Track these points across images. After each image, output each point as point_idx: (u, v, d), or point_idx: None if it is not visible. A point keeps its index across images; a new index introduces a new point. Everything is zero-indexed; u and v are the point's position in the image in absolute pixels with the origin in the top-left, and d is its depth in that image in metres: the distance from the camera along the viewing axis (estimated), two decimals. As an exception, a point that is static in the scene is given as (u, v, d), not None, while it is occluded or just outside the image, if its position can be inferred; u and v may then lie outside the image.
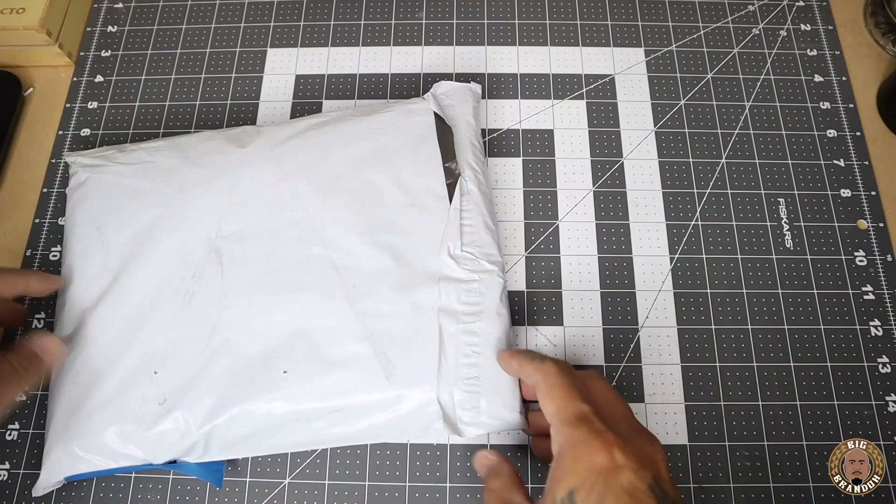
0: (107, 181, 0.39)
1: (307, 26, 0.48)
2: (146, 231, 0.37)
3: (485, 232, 0.37)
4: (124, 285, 0.36)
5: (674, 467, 0.36)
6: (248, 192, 0.37)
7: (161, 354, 0.34)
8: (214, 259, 0.36)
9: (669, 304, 0.39)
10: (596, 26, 0.48)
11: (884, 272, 0.40)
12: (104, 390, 0.34)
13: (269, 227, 0.36)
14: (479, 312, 0.35)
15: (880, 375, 0.38)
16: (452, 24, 0.48)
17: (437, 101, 0.40)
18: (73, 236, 0.38)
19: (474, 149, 0.39)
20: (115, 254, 0.36)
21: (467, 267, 0.36)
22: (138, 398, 0.33)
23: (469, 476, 0.36)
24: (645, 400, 0.37)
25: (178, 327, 0.35)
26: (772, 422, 0.37)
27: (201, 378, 0.33)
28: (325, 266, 0.36)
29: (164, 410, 0.33)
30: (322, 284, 0.35)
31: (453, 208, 0.37)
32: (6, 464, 0.36)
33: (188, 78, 0.46)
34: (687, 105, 0.45)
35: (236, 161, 0.38)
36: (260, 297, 0.35)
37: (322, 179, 0.37)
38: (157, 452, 0.33)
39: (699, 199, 0.42)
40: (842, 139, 0.44)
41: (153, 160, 0.39)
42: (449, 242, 0.36)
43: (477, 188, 0.38)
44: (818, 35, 0.47)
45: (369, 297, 0.35)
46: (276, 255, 0.36)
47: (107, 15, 0.49)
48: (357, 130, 0.39)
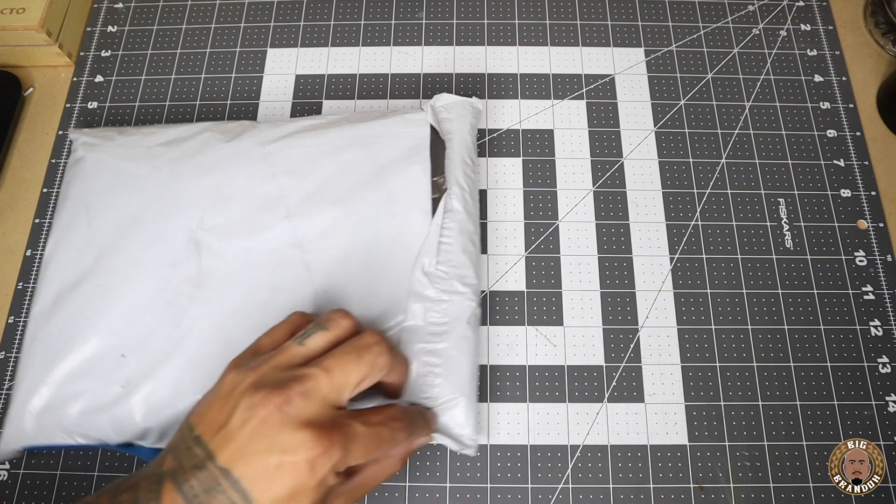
0: (102, 161, 0.39)
1: (307, 26, 0.48)
2: (132, 215, 0.37)
3: (462, 252, 0.36)
4: (104, 265, 0.36)
5: (674, 467, 0.36)
6: (234, 188, 0.37)
7: (131, 339, 0.34)
8: (193, 250, 0.36)
9: (669, 304, 0.39)
10: (596, 26, 0.48)
11: (884, 272, 0.40)
12: (71, 368, 0.34)
13: (251, 224, 0.37)
14: (444, 333, 0.34)
15: (880, 375, 0.38)
16: (452, 24, 0.48)
17: (436, 113, 0.40)
18: (63, 211, 0.38)
19: (466, 167, 0.39)
20: (100, 233, 0.37)
21: (438, 286, 0.35)
22: (103, 379, 0.34)
23: (469, 476, 0.36)
24: (645, 400, 0.37)
25: (150, 313, 0.35)
26: (772, 422, 0.37)
27: (164, 366, 0.34)
28: (298, 268, 0.36)
29: (125, 394, 0.33)
30: (293, 286, 0.35)
31: (434, 224, 0.36)
32: (6, 464, 0.36)
33: (188, 78, 0.46)
34: (687, 105, 0.45)
35: (227, 155, 0.38)
36: (232, 293, 0.35)
37: (309, 182, 0.37)
38: (114, 434, 0.33)
39: (699, 199, 0.42)
40: (842, 139, 0.44)
41: (149, 145, 0.39)
42: (424, 258, 0.36)
43: (462, 207, 0.37)
44: (818, 35, 0.47)
45: (336, 304, 0.35)
46: (254, 252, 0.36)
47: (107, 15, 0.49)
48: (351, 136, 0.39)
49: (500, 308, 0.39)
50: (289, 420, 0.25)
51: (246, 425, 0.25)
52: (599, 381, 0.38)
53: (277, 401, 0.25)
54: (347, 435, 0.26)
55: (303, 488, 0.25)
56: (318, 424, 0.25)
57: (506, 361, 0.38)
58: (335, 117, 0.40)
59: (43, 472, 0.36)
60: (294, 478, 0.24)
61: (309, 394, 0.26)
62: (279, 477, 0.24)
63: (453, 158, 0.39)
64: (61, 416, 0.33)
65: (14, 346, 0.39)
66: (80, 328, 0.35)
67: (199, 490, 0.24)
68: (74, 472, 0.36)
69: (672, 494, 0.35)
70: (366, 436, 0.26)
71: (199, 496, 0.24)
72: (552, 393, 0.37)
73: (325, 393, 0.26)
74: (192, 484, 0.24)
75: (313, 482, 0.25)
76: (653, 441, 0.36)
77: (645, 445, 0.36)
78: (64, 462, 0.36)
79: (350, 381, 0.27)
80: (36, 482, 0.36)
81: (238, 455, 0.24)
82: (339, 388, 0.27)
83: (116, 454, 0.36)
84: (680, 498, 0.35)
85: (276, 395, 0.25)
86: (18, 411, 0.34)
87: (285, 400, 0.25)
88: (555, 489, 0.35)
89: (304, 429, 0.25)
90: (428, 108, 0.40)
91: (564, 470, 0.36)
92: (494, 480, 0.35)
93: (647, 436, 0.36)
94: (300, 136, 0.39)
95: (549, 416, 0.37)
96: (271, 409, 0.25)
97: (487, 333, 0.39)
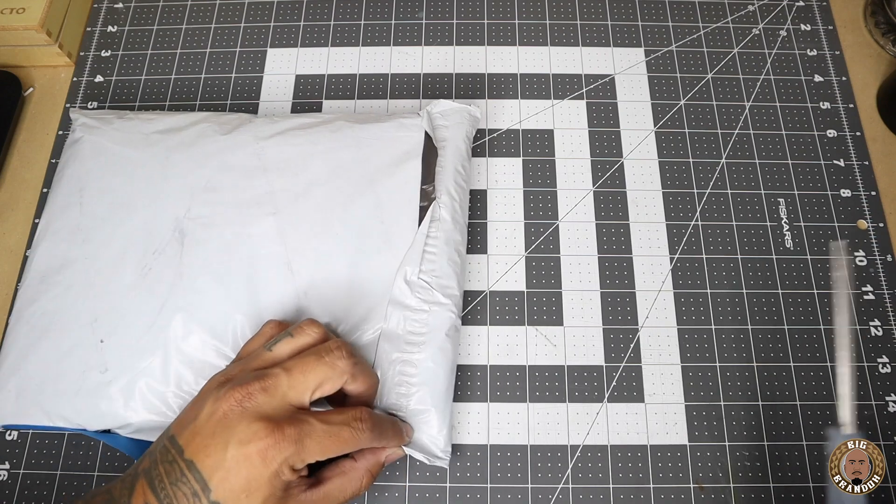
0: (99, 144, 0.39)
1: (307, 26, 0.48)
2: (124, 201, 0.37)
3: (447, 263, 0.36)
4: (91, 249, 0.36)
5: (674, 467, 0.36)
6: (224, 180, 0.38)
7: (110, 324, 0.35)
8: (177, 238, 0.36)
9: (669, 304, 0.39)
10: (596, 26, 0.48)
11: (884, 272, 0.40)
12: (53, 349, 0.34)
13: (237, 218, 0.37)
14: (422, 344, 0.34)
15: (880, 375, 0.38)
16: (452, 24, 0.48)
17: (432, 119, 0.40)
18: (57, 191, 0.38)
19: (457, 176, 0.39)
20: (91, 217, 0.37)
21: (419, 296, 0.35)
22: (82, 363, 0.34)
23: (469, 476, 0.36)
24: (645, 400, 0.37)
25: (131, 300, 0.35)
26: (772, 422, 0.37)
27: (143, 354, 0.34)
28: (281, 266, 0.36)
29: (104, 380, 0.34)
30: (275, 283, 0.35)
31: (420, 232, 0.36)
32: (6, 464, 0.36)
33: (188, 78, 0.46)
34: (687, 105, 0.45)
35: (222, 147, 0.38)
36: (211, 285, 0.35)
37: (299, 181, 0.37)
38: (92, 420, 0.34)
39: (699, 199, 0.42)
40: (842, 139, 0.44)
41: (147, 132, 0.39)
42: (407, 267, 0.35)
43: (450, 217, 0.37)
44: (818, 35, 0.47)
45: (317, 306, 0.35)
46: (237, 246, 0.36)
47: (107, 15, 0.49)
48: (345, 138, 0.39)
49: (500, 308, 0.39)
50: (246, 413, 0.26)
51: (211, 419, 0.26)
52: (599, 381, 0.38)
53: (238, 396, 0.27)
54: (302, 430, 0.27)
55: (256, 479, 0.26)
56: (273, 418, 0.26)
57: (506, 361, 0.38)
58: (332, 116, 0.40)
59: (43, 472, 0.36)
60: (248, 468, 0.25)
61: (269, 389, 0.27)
62: (234, 467, 0.25)
63: (445, 167, 0.38)
64: (41, 397, 0.34)
65: (14, 346, 0.39)
66: (62, 310, 0.35)
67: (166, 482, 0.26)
68: (74, 472, 0.36)
69: (672, 494, 0.35)
70: (324, 433, 0.27)
71: (166, 488, 0.25)
72: (552, 393, 0.37)
73: (284, 390, 0.27)
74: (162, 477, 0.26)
75: (266, 473, 0.26)
76: (653, 441, 0.36)
77: (645, 445, 0.36)
78: (64, 462, 0.36)
79: (309, 380, 0.28)
80: (36, 482, 0.36)
81: (201, 447, 0.26)
82: (299, 387, 0.28)
83: (116, 453, 0.36)
84: (680, 498, 0.35)
85: (238, 391, 0.27)
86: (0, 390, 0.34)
87: (246, 395, 0.27)
88: (555, 489, 0.35)
89: (258, 421, 0.26)
90: (424, 114, 0.39)
91: (564, 470, 0.36)
92: (494, 480, 0.35)
93: (647, 436, 0.36)
94: (295, 133, 0.39)
95: (549, 416, 0.37)
96: (233, 403, 0.26)
97: (487, 333, 0.39)
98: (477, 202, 0.42)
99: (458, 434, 0.37)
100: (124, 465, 0.36)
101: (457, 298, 0.36)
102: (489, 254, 0.41)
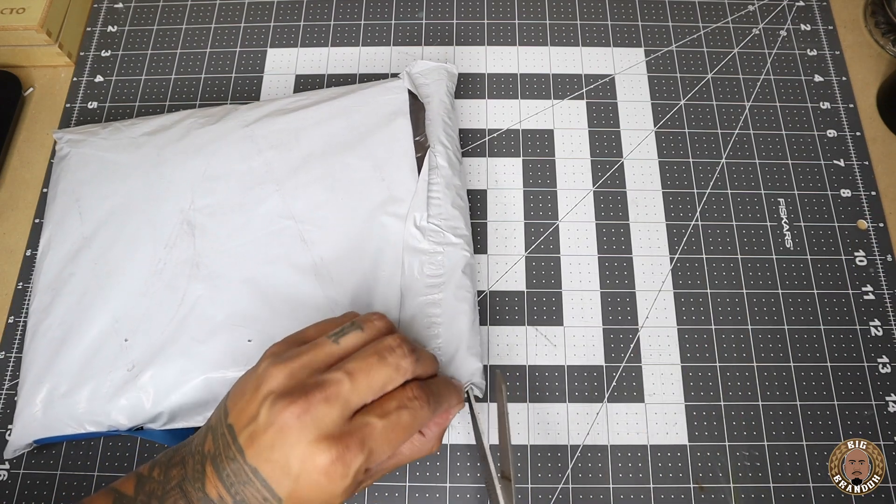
0: (88, 155, 0.39)
1: (307, 26, 0.48)
2: (122, 202, 0.38)
3: (452, 206, 0.37)
4: (99, 254, 0.37)
5: (674, 467, 0.36)
6: (222, 168, 0.38)
7: (132, 322, 0.35)
8: (187, 230, 0.36)
9: (669, 304, 0.39)
10: (596, 26, 0.48)
11: (884, 272, 0.40)
12: (75, 356, 0.34)
13: (242, 200, 0.37)
14: (441, 284, 0.35)
15: (880, 375, 0.38)
16: (452, 24, 0.48)
17: (413, 79, 0.41)
18: (53, 206, 0.39)
19: (446, 126, 0.40)
20: (92, 223, 0.37)
21: (432, 239, 0.36)
22: (108, 364, 0.34)
23: (469, 476, 0.36)
24: (645, 400, 0.37)
25: (150, 296, 0.35)
26: (772, 422, 0.37)
27: (169, 347, 0.34)
28: (294, 239, 0.36)
29: (131, 377, 0.34)
30: (291, 257, 0.36)
31: (421, 180, 0.37)
32: (6, 464, 0.36)
33: (188, 78, 0.46)
34: (687, 105, 0.45)
35: (212, 137, 0.39)
36: (230, 269, 0.36)
37: (295, 156, 0.38)
38: (124, 419, 0.34)
39: (699, 199, 0.42)
40: (842, 139, 0.44)
41: (132, 135, 0.40)
42: (416, 213, 0.36)
43: (447, 163, 0.38)
44: (818, 35, 0.47)
45: (336, 271, 0.35)
46: (248, 227, 0.36)
47: (107, 15, 0.49)
48: (332, 108, 0.40)
49: (500, 308, 0.39)
50: (305, 431, 0.25)
51: (269, 429, 0.25)
52: (599, 381, 0.38)
53: (297, 410, 0.25)
54: (364, 436, 0.26)
55: (330, 493, 0.25)
56: (334, 434, 0.25)
57: (506, 361, 0.38)
58: (312, 93, 0.41)
59: (43, 472, 0.36)
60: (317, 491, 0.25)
61: (330, 399, 0.26)
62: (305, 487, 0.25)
63: (433, 119, 0.39)
64: (70, 406, 0.34)
65: (14, 346, 0.39)
66: (80, 317, 0.35)
67: (234, 480, 0.25)
68: (74, 471, 0.36)
69: (672, 494, 0.35)
70: (385, 429, 0.27)
71: (234, 485, 0.25)
72: (552, 393, 0.37)
73: (346, 396, 0.26)
74: (229, 472, 0.25)
75: (339, 489, 0.25)
76: (653, 441, 0.36)
77: (645, 445, 0.36)
78: (64, 462, 0.36)
79: (374, 384, 0.27)
80: (36, 482, 0.36)
81: (263, 458, 0.25)
82: (363, 392, 0.27)
83: (116, 453, 0.36)
84: (680, 498, 0.35)
85: (297, 405, 0.26)
86: (26, 406, 0.34)
87: (305, 409, 0.25)
88: (555, 489, 0.35)
89: (319, 442, 0.25)
90: (404, 75, 0.41)
91: (564, 470, 0.36)
92: (494, 480, 0.35)
93: (647, 436, 0.36)
94: (281, 113, 0.40)
95: (549, 416, 0.37)
96: (292, 417, 0.25)
97: (488, 333, 0.39)
98: (477, 202, 0.42)
99: (458, 434, 0.37)
100: (125, 466, 0.36)
101: (467, 238, 0.37)
102: (489, 254, 0.41)
